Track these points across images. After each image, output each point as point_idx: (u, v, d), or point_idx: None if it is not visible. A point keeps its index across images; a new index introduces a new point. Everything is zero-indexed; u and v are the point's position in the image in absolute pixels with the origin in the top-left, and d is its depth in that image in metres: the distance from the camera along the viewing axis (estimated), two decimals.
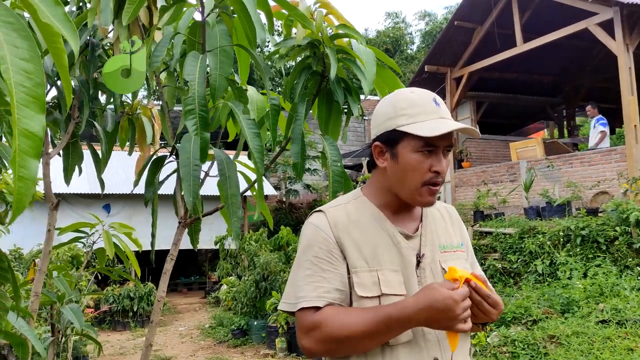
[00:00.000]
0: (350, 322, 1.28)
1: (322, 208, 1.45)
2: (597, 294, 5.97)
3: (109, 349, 8.99)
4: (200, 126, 1.43)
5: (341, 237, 1.37)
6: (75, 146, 2.49)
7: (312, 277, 1.35)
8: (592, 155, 9.11)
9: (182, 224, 1.79)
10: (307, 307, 1.32)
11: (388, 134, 1.37)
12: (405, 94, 1.39)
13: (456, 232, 1.54)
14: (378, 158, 1.42)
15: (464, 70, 11.65)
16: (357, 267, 1.35)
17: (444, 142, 1.34)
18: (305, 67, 1.66)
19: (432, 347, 1.34)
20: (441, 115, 1.34)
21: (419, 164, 1.34)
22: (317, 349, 1.31)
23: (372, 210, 1.44)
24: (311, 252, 1.37)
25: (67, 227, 2.79)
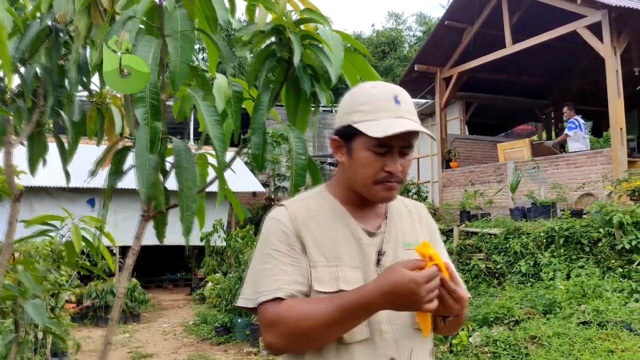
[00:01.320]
0: (312, 312, 1.22)
1: (284, 202, 1.41)
2: (580, 295, 5.97)
3: (90, 344, 8.89)
4: (151, 115, 1.37)
5: (301, 232, 1.34)
6: (40, 136, 2.41)
7: (272, 271, 1.31)
8: (577, 157, 9.13)
9: (144, 217, 1.73)
10: (268, 301, 1.27)
11: (345, 129, 1.34)
12: (366, 89, 1.35)
13: (423, 230, 1.49)
14: (336, 152, 1.38)
15: (454, 70, 11.64)
16: (316, 262, 1.31)
17: (400, 142, 1.29)
18: (270, 53, 1.60)
19: (388, 346, 1.30)
20: (399, 115, 1.29)
21: (371, 163, 1.30)
22: (280, 344, 1.26)
23: (335, 205, 1.40)
24: (271, 246, 1.34)
25: (33, 219, 2.71)
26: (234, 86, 1.57)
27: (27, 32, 1.92)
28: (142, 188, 1.40)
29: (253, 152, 1.55)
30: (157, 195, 1.62)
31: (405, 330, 1.33)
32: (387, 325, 1.31)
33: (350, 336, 1.27)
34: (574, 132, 9.61)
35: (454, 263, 7.77)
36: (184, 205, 1.51)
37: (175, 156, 1.50)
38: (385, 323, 1.31)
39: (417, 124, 1.30)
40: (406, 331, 1.33)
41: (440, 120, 11.98)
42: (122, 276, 1.70)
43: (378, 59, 29.63)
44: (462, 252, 8.47)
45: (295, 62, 1.50)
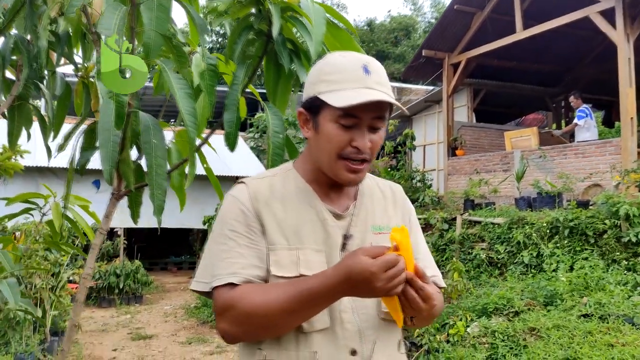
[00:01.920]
0: (268, 298, 1.15)
1: (245, 179, 1.32)
2: (582, 288, 5.86)
3: (92, 325, 8.92)
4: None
5: (261, 211, 1.25)
6: (22, 109, 2.33)
7: (228, 253, 1.22)
8: (586, 147, 8.96)
9: (114, 196, 1.65)
10: (222, 286, 1.20)
11: (311, 101, 1.25)
12: (334, 58, 1.26)
13: (397, 214, 1.40)
14: (303, 127, 1.29)
15: (462, 56, 11.43)
16: (275, 244, 1.23)
17: (369, 115, 1.20)
18: (248, 25, 1.50)
19: (350, 337, 1.23)
20: (367, 85, 1.19)
21: (336, 136, 1.21)
22: (234, 331, 1.19)
23: (300, 184, 1.31)
24: (227, 226, 1.25)
25: (15, 197, 2.64)
26: (209, 59, 1.47)
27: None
28: (105, 166, 1.32)
29: (226, 129, 1.45)
30: (126, 172, 1.54)
31: (370, 320, 1.26)
32: (351, 314, 1.24)
33: (310, 325, 1.20)
34: (584, 121, 9.41)
35: (456, 253, 7.69)
36: (154, 183, 1.42)
37: (142, 132, 1.41)
38: (349, 312, 1.24)
39: (387, 95, 1.20)
40: (371, 321, 1.26)
41: (447, 107, 11.80)
42: (90, 256, 1.62)
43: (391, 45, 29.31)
44: (465, 241, 8.37)
45: (274, 34, 1.40)
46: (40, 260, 7.02)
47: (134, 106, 1.46)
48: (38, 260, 7.00)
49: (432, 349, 5.18)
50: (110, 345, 7.51)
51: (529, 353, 4.79)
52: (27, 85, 2.30)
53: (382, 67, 1.26)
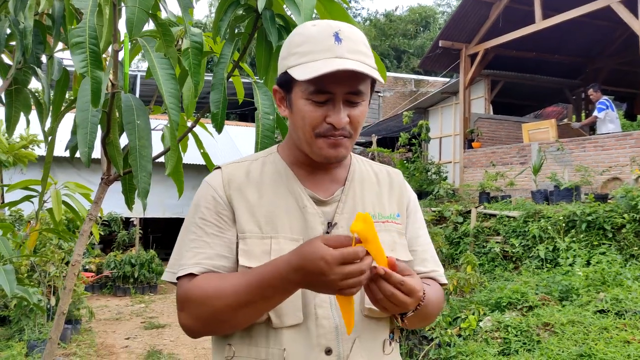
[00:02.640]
0: (221, 289, 1.06)
1: (221, 164, 1.25)
2: (599, 283, 5.71)
3: (106, 313, 9.00)
4: (91, 63, 1.22)
5: (233, 197, 1.17)
6: (20, 94, 2.30)
7: (195, 242, 1.15)
8: (606, 140, 8.74)
9: (104, 181, 1.60)
10: (184, 276, 1.12)
11: (282, 77, 1.15)
12: (305, 27, 1.14)
13: (393, 201, 1.28)
14: (279, 105, 1.21)
15: (480, 46, 11.23)
16: (246, 232, 1.15)
17: (342, 88, 1.08)
18: (234, 1, 1.43)
19: (326, 334, 1.12)
20: (337, 55, 1.07)
21: (309, 114, 1.11)
22: (192, 325, 1.11)
23: (280, 168, 1.22)
24: (198, 214, 1.18)
25: (16, 184, 2.63)
26: (193, 36, 1.40)
27: None
28: (83, 148, 1.26)
29: (212, 110, 1.39)
30: (113, 156, 1.49)
31: None
32: (328, 309, 1.13)
33: (280, 320, 1.11)
34: (605, 114, 9.17)
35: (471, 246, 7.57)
36: (138, 165, 1.37)
37: (124, 112, 1.35)
38: (325, 307, 1.13)
39: (359, 63, 1.07)
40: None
41: (464, 98, 11.62)
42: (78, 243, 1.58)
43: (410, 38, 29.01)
44: (479, 234, 8.24)
45: (259, 7, 1.32)
46: (54, 248, 7.08)
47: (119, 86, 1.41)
48: (52, 249, 7.06)
49: (443, 343, 5.09)
50: (123, 334, 7.56)
51: (543, 349, 4.68)
52: (24, 70, 2.26)
53: (359, 33, 1.14)
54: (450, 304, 5.71)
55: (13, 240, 2.49)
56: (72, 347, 6.75)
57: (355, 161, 1.30)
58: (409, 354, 5.20)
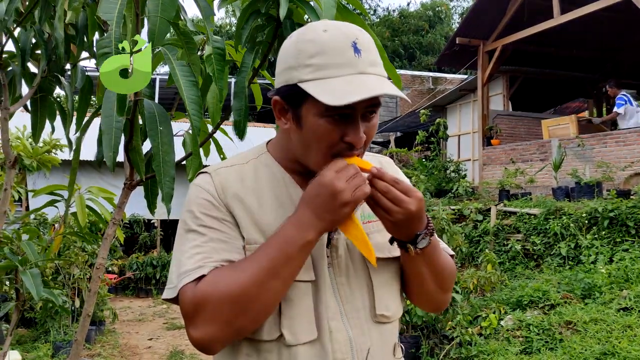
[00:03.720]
0: (239, 272, 0.99)
1: (209, 169, 1.15)
2: (622, 280, 5.65)
3: (129, 314, 9.14)
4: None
5: (231, 206, 1.09)
6: (45, 102, 2.36)
7: (198, 249, 1.05)
8: (627, 135, 8.61)
9: (127, 186, 1.64)
10: (189, 284, 1.01)
11: (290, 89, 1.04)
12: (316, 33, 1.03)
13: None
14: (280, 118, 1.09)
15: (497, 43, 11.14)
16: (251, 242, 1.07)
17: (363, 104, 1.01)
18: (255, 10, 1.46)
19: (340, 348, 1.08)
20: (360, 70, 1.00)
21: (326, 133, 1.02)
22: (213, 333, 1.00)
23: (276, 172, 1.15)
24: (196, 221, 1.08)
25: (41, 189, 2.70)
26: (215, 42, 1.43)
27: None
28: (108, 152, 1.30)
29: (235, 118, 1.42)
30: (136, 161, 1.53)
31: (363, 325, 1.12)
32: (340, 321, 1.09)
33: (294, 337, 1.05)
34: (624, 109, 9.05)
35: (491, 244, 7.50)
36: (162, 171, 1.40)
37: (147, 119, 1.39)
38: (337, 319, 1.09)
39: (384, 79, 1.02)
40: (364, 326, 1.12)
41: (482, 95, 11.54)
42: (103, 246, 1.62)
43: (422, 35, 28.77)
44: (500, 232, 8.18)
45: (281, 16, 1.35)
46: (78, 251, 7.21)
47: (142, 94, 1.45)
48: (76, 251, 7.19)
49: (464, 342, 5.08)
50: (146, 335, 7.67)
51: (565, 347, 4.65)
52: (49, 78, 2.32)
53: (370, 39, 1.06)
54: (471, 303, 5.70)
55: (38, 244, 2.56)
56: (97, 348, 6.87)
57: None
58: (429, 353, 5.20)
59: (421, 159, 12.08)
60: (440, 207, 6.69)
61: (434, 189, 10.72)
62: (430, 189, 10.60)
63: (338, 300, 1.10)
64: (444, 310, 5.20)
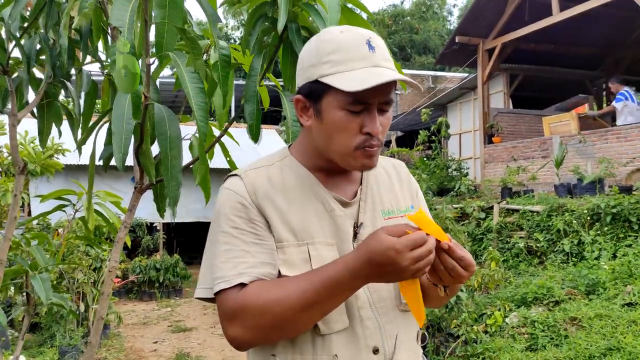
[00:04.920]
0: (283, 294, 1.05)
1: (238, 171, 1.21)
2: (626, 276, 5.66)
3: (133, 318, 9.15)
4: None
5: (263, 206, 1.15)
6: (51, 107, 2.38)
7: (231, 253, 1.11)
8: (629, 131, 8.62)
9: (137, 189, 1.66)
10: (229, 288, 1.09)
11: (310, 86, 1.12)
12: (333, 34, 1.13)
13: (404, 194, 1.32)
14: (301, 115, 1.18)
15: (497, 41, 11.16)
16: (282, 241, 1.13)
17: (379, 97, 1.10)
18: (262, 15, 1.48)
19: (371, 335, 1.14)
20: (375, 63, 1.09)
21: (346, 124, 1.10)
22: (247, 336, 1.08)
23: (301, 173, 1.21)
24: (228, 223, 1.14)
25: (49, 194, 2.71)
26: (221, 49, 1.45)
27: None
28: (117, 154, 1.32)
29: (248, 122, 1.44)
30: (146, 165, 1.55)
31: (389, 313, 1.18)
32: (369, 310, 1.16)
33: (327, 326, 1.11)
34: (622, 105, 9.06)
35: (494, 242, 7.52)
36: (169, 175, 1.42)
37: (157, 123, 1.41)
38: (366, 308, 1.16)
39: (395, 72, 1.11)
40: (391, 315, 1.18)
41: (483, 93, 11.55)
42: (114, 249, 1.64)
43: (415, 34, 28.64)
44: (502, 230, 8.20)
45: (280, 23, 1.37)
46: (81, 255, 7.23)
47: (153, 98, 1.47)
48: (80, 256, 7.21)
49: (469, 340, 5.09)
50: (151, 338, 7.68)
51: (570, 343, 4.66)
52: (54, 83, 2.34)
53: (382, 40, 1.16)
54: (476, 301, 5.71)
55: (47, 249, 2.57)
56: (102, 351, 6.89)
57: None
58: (435, 351, 5.21)
59: (422, 158, 12.09)
60: (444, 206, 6.71)
61: (436, 188, 10.73)
62: (433, 187, 10.61)
63: (366, 291, 1.16)
64: (449, 309, 5.23)
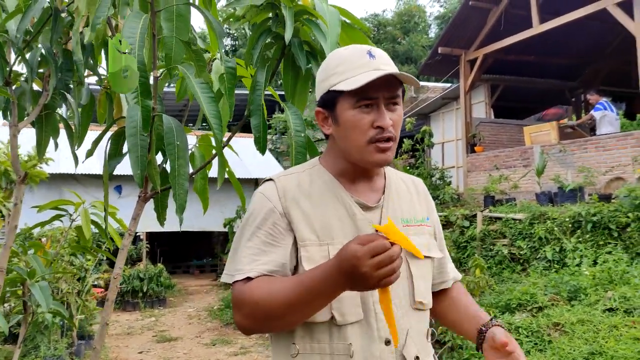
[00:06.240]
0: (272, 292, 1.17)
1: (273, 176, 1.35)
2: (606, 282, 5.80)
3: (117, 328, 9.06)
4: (141, 93, 1.34)
5: (289, 208, 1.28)
6: (49, 119, 2.41)
7: (252, 250, 1.27)
8: (607, 140, 8.85)
9: (141, 198, 1.70)
10: (240, 280, 1.24)
11: (325, 97, 1.29)
12: (339, 52, 1.31)
13: (422, 206, 1.44)
14: (323, 125, 1.32)
15: (479, 52, 11.37)
16: (306, 240, 1.26)
17: (384, 93, 1.24)
18: (265, 30, 1.55)
19: (384, 327, 1.25)
20: (375, 67, 1.24)
21: (358, 121, 1.24)
22: (246, 324, 1.22)
23: (327, 179, 1.34)
24: (255, 223, 1.29)
25: (46, 204, 2.73)
26: (227, 62, 1.52)
27: (28, 13, 1.90)
28: (135, 170, 1.37)
29: (255, 134, 1.50)
30: (152, 175, 1.60)
31: (403, 309, 1.29)
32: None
33: (343, 318, 1.23)
34: (600, 114, 9.31)
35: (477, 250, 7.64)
36: (177, 183, 1.48)
37: (166, 134, 1.46)
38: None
39: (395, 69, 1.25)
40: (404, 311, 1.29)
41: (465, 103, 11.75)
42: (119, 257, 1.68)
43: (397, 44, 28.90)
44: (486, 237, 8.32)
45: (287, 37, 1.45)
46: (66, 265, 7.16)
47: (158, 110, 1.52)
48: (64, 266, 7.15)
49: (455, 346, 5.17)
50: (136, 348, 7.63)
51: (554, 348, 4.76)
52: (54, 95, 2.37)
53: (383, 51, 1.30)
54: None
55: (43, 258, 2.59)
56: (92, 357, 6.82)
57: (388, 171, 1.44)
58: None
59: (406, 167, 12.22)
60: None
61: None
62: None
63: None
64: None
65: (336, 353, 1.23)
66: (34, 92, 2.40)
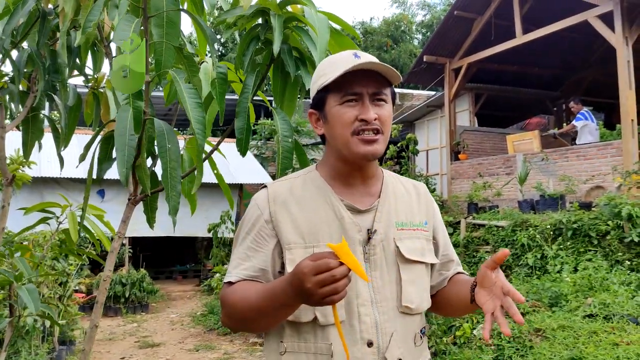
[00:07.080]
0: (247, 297, 1.25)
1: (267, 183, 1.41)
2: (587, 288, 5.89)
3: (99, 334, 8.95)
4: (133, 95, 1.36)
5: (277, 212, 1.33)
6: (36, 121, 2.41)
7: (239, 254, 1.34)
8: (587, 150, 9.01)
9: (131, 201, 1.72)
10: (227, 282, 1.33)
11: (315, 99, 1.36)
12: (329, 58, 1.38)
13: (421, 211, 1.45)
14: (316, 126, 1.38)
15: (463, 61, 11.52)
16: (291, 243, 1.30)
17: (368, 89, 1.29)
18: (255, 36, 1.58)
19: (367, 329, 1.28)
20: (359, 63, 1.28)
21: (343, 115, 1.29)
22: (227, 323, 1.33)
23: (319, 184, 1.38)
24: (244, 229, 1.37)
25: (32, 207, 2.71)
26: (219, 68, 1.54)
27: (15, 14, 1.90)
28: (121, 169, 1.38)
29: (237, 136, 1.53)
30: (142, 178, 1.61)
31: (389, 313, 1.31)
32: (370, 307, 1.29)
33: (325, 319, 1.26)
34: (582, 123, 9.48)
35: (461, 256, 7.72)
36: (169, 185, 1.50)
37: (158, 137, 1.48)
38: (367, 305, 1.29)
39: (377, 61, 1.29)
40: (390, 314, 1.31)
41: (449, 112, 11.87)
42: (109, 259, 1.69)
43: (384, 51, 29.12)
44: (469, 244, 8.41)
45: (275, 44, 1.48)
46: (48, 269, 7.08)
47: (149, 113, 1.53)
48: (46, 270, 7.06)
49: (439, 352, 5.22)
50: (118, 354, 7.56)
51: (535, 354, 4.83)
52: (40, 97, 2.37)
53: (370, 55, 1.34)
54: None
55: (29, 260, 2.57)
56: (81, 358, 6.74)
57: (387, 175, 1.46)
58: None
59: None
60: None
61: None
62: None
63: (370, 290, 1.30)
64: None
65: (319, 352, 1.27)
66: (21, 93, 2.39)
